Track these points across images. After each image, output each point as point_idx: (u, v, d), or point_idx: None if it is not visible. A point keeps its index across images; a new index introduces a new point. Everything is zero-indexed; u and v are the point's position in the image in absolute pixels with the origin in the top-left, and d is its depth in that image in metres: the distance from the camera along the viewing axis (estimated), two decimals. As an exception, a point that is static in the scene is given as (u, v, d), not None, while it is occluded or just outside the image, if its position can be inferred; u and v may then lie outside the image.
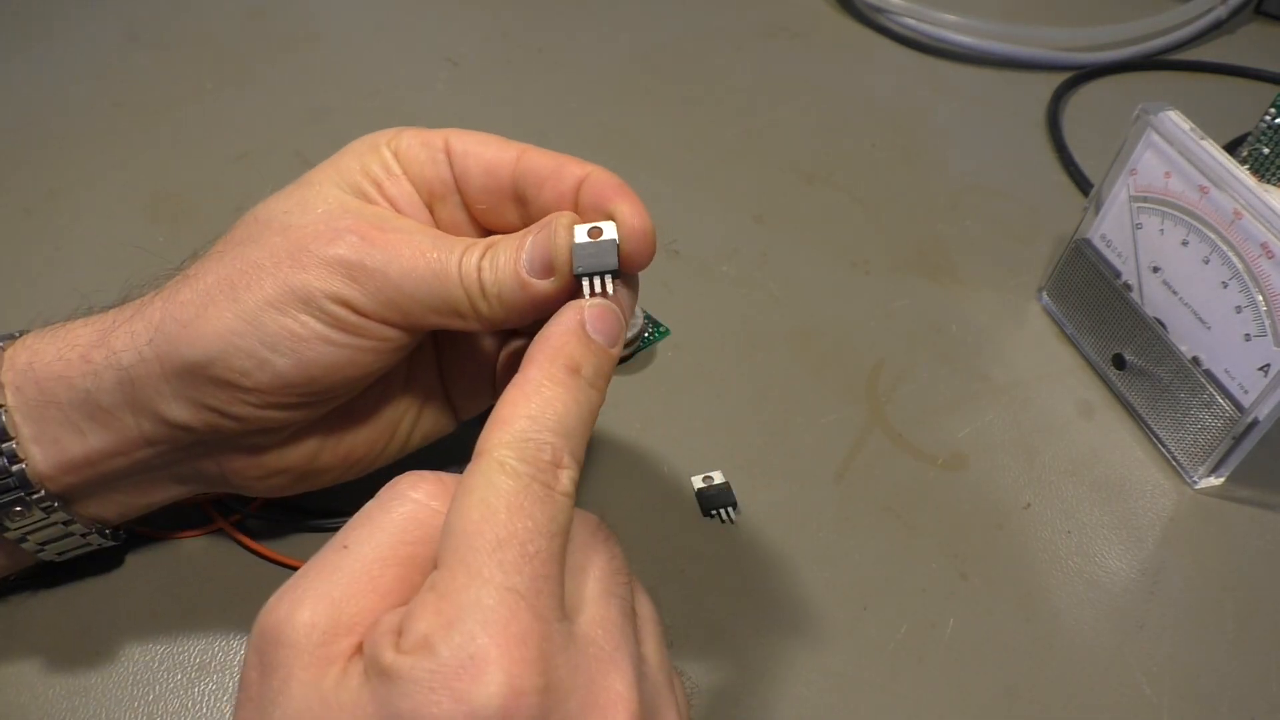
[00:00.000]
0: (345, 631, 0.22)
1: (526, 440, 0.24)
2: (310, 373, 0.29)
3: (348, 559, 0.23)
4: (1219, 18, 0.69)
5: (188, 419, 0.29)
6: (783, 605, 0.36)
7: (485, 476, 0.23)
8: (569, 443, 0.24)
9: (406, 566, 0.23)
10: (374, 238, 0.29)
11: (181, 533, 0.36)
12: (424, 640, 0.20)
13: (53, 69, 0.60)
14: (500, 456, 0.23)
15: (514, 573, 0.21)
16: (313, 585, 0.22)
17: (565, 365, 0.26)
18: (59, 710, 0.32)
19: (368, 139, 0.32)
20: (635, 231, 0.28)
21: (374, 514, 0.24)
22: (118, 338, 0.29)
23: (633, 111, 0.60)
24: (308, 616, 0.22)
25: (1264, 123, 0.43)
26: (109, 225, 0.50)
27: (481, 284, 0.28)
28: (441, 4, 0.69)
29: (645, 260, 0.29)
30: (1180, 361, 0.40)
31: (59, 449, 0.30)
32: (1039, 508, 0.40)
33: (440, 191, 0.31)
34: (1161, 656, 0.36)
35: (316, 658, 0.21)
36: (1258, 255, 0.37)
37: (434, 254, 0.29)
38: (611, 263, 0.27)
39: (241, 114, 0.58)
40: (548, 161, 0.30)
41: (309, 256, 0.28)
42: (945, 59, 0.67)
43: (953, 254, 0.52)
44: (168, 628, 0.34)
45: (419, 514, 0.24)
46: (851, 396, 0.44)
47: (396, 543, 0.23)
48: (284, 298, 0.28)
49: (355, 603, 0.22)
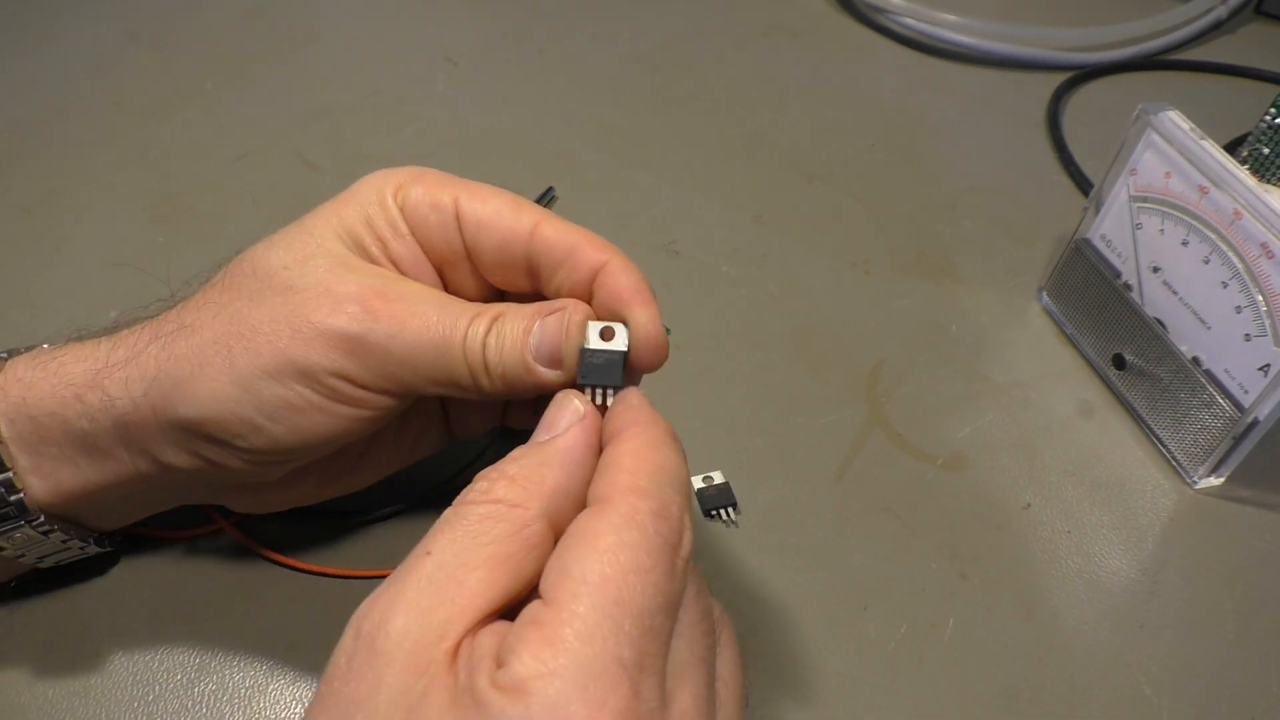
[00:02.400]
0: (436, 639, 0.22)
1: (659, 494, 0.23)
2: (305, 439, 0.29)
3: (432, 566, 0.23)
4: (1219, 18, 0.69)
5: (184, 464, 0.29)
6: (783, 605, 0.36)
7: (613, 524, 0.22)
8: (689, 504, 0.24)
9: (490, 568, 0.23)
10: (377, 309, 0.28)
11: (181, 532, 0.36)
12: (522, 684, 0.20)
13: (53, 69, 0.60)
14: (630, 508, 0.23)
15: (627, 645, 0.21)
16: (402, 593, 0.22)
17: (668, 430, 0.26)
18: (59, 710, 0.32)
19: (372, 183, 0.30)
20: (648, 341, 0.28)
21: (452, 520, 0.24)
22: (112, 383, 0.29)
23: (633, 111, 0.60)
24: (400, 625, 0.22)
25: (1264, 123, 0.43)
26: (109, 225, 0.50)
27: (485, 360, 0.28)
28: (441, 4, 0.69)
29: (654, 366, 0.29)
30: (1180, 361, 0.40)
31: (56, 480, 0.30)
32: (1039, 508, 0.40)
33: (452, 259, 0.31)
34: (1161, 656, 0.36)
35: (408, 665, 0.21)
36: (1258, 255, 0.37)
37: (439, 327, 0.28)
38: (616, 380, 0.28)
39: (241, 114, 0.58)
40: (563, 241, 0.29)
41: (309, 328, 0.28)
42: (945, 59, 0.67)
43: (953, 254, 0.52)
44: (168, 628, 0.34)
45: (497, 512, 0.24)
46: (851, 396, 0.44)
47: (478, 545, 0.23)
48: (281, 369, 0.28)
49: (444, 609, 0.22)
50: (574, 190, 0.54)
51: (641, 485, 0.23)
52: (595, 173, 0.55)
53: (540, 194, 0.53)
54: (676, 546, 0.23)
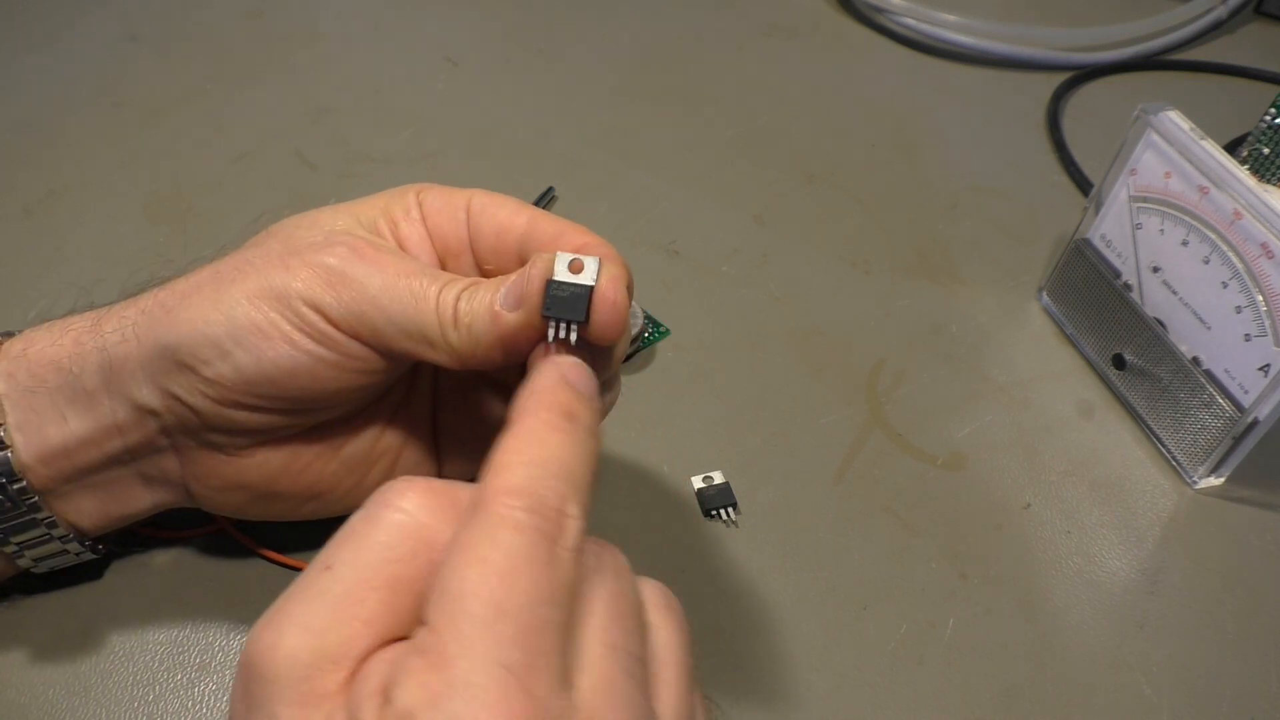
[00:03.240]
0: (330, 665, 0.20)
1: (532, 488, 0.22)
2: (268, 373, 0.29)
3: (330, 582, 0.21)
4: (1219, 18, 0.69)
5: (154, 404, 0.30)
6: (783, 605, 0.36)
7: (486, 530, 0.21)
8: (575, 491, 0.23)
9: (392, 589, 0.22)
10: (364, 252, 0.29)
11: (181, 532, 0.36)
12: (407, 716, 0.19)
13: (53, 69, 0.60)
14: (503, 508, 0.21)
15: (510, 647, 0.20)
16: (294, 612, 0.21)
17: (562, 411, 0.24)
18: (60, 711, 0.32)
19: (396, 188, 0.33)
20: (612, 279, 0.27)
21: (358, 528, 0.22)
22: (109, 322, 0.30)
23: (633, 111, 0.60)
24: (289, 649, 0.20)
25: (1264, 123, 0.43)
26: (109, 225, 0.50)
27: (456, 314, 0.28)
28: (441, 4, 0.69)
29: (612, 325, 0.28)
30: (1180, 361, 0.40)
31: (41, 437, 0.30)
32: (1039, 508, 0.40)
33: (455, 249, 0.32)
34: (1161, 656, 0.36)
35: (300, 694, 0.20)
36: (1258, 255, 0.37)
37: (418, 280, 0.29)
38: (580, 314, 0.27)
39: (241, 114, 0.58)
40: (552, 228, 0.30)
41: (297, 260, 0.29)
42: (945, 59, 0.67)
43: (953, 254, 0.52)
44: (168, 628, 0.34)
45: (406, 528, 0.22)
46: (851, 396, 0.44)
47: (381, 562, 0.22)
48: (261, 294, 0.29)
49: (337, 632, 0.21)
50: (574, 190, 0.54)
51: (514, 483, 0.22)
52: (595, 173, 0.55)
53: (540, 194, 0.53)
54: (556, 536, 0.21)
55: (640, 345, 0.45)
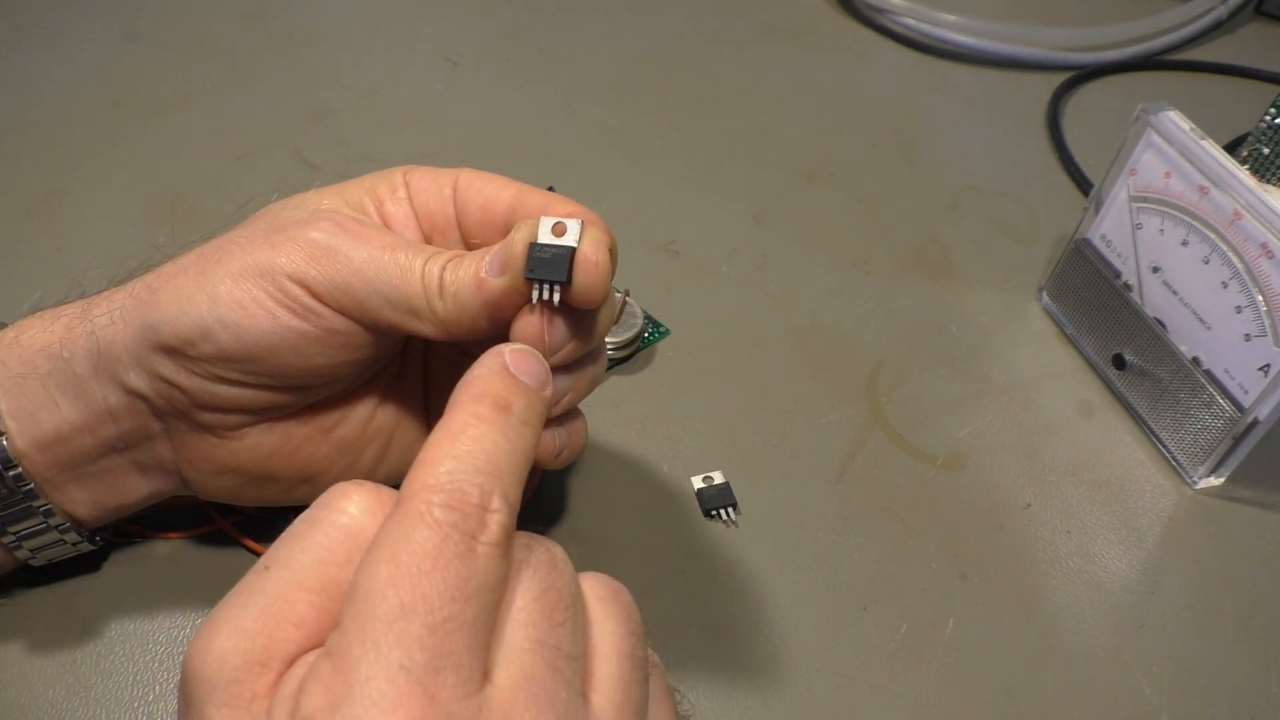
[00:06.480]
0: (259, 668, 0.20)
1: (452, 483, 0.21)
2: (250, 350, 0.29)
3: (264, 583, 0.21)
4: (1219, 18, 0.69)
5: (144, 388, 0.30)
6: (783, 605, 0.36)
7: (401, 528, 0.20)
8: (500, 484, 0.22)
9: (324, 593, 0.21)
10: (349, 227, 0.29)
11: (181, 533, 0.36)
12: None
13: (53, 69, 0.60)
14: (420, 503, 0.21)
15: (414, 648, 0.19)
16: (229, 615, 0.21)
17: (493, 402, 0.24)
18: (60, 710, 0.32)
19: (384, 171, 0.33)
20: (595, 241, 0.28)
21: (299, 529, 0.22)
22: (98, 307, 0.31)
23: (633, 111, 0.60)
24: (220, 650, 0.20)
25: (1264, 123, 0.43)
26: (109, 225, 0.50)
27: (441, 284, 0.29)
28: (441, 4, 0.69)
29: (594, 287, 0.28)
30: (1180, 361, 0.40)
31: (34, 423, 0.30)
32: (1039, 508, 0.40)
33: (442, 226, 0.32)
34: (1161, 656, 0.36)
35: (229, 696, 0.20)
36: (1258, 255, 0.37)
37: (403, 253, 0.29)
38: (562, 275, 0.27)
39: (241, 114, 0.58)
40: (538, 200, 0.31)
41: (282, 237, 0.29)
42: (945, 59, 0.67)
43: (953, 254, 0.52)
44: (168, 628, 0.34)
45: (346, 530, 0.22)
46: (851, 396, 0.44)
47: (316, 564, 0.21)
48: (245, 271, 0.29)
49: (267, 634, 0.20)
50: (574, 190, 0.53)
51: (434, 479, 0.21)
52: (595, 173, 0.55)
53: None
54: (475, 532, 0.21)
55: (640, 345, 0.45)
